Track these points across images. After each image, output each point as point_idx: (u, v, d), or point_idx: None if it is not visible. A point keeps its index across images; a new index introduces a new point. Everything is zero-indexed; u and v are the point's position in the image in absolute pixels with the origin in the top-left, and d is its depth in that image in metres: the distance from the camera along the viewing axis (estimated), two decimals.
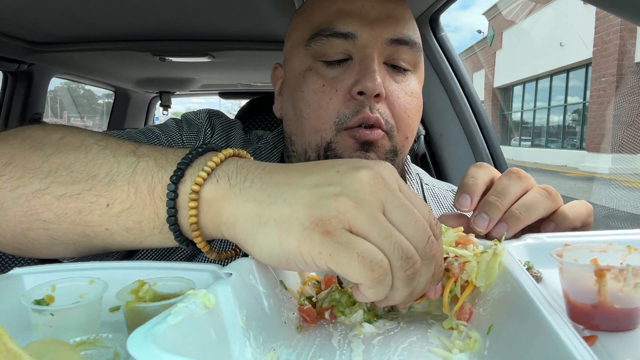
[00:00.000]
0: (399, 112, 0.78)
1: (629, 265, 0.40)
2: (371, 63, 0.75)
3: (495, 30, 18.40)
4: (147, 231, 0.51)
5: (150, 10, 1.52)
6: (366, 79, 0.73)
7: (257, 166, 0.48)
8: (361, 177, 0.43)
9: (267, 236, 0.43)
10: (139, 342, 0.27)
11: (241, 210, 0.45)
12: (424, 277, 0.44)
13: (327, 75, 0.78)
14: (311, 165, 0.46)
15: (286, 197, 0.43)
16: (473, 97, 1.64)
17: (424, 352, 0.43)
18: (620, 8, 0.80)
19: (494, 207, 0.58)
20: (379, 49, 0.77)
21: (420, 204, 0.45)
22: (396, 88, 0.79)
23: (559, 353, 0.31)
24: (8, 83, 2.34)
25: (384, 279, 0.41)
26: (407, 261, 0.41)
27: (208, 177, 0.47)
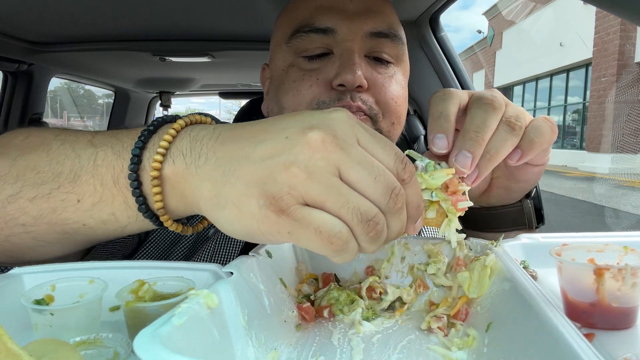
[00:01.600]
0: (385, 99, 0.78)
1: (627, 265, 0.40)
2: (351, 56, 0.76)
3: (495, 30, 18.40)
4: (123, 221, 0.50)
5: (150, 10, 1.52)
6: (346, 72, 0.73)
7: (210, 136, 0.46)
8: (310, 141, 0.40)
9: (228, 219, 0.42)
10: (146, 343, 0.28)
11: (199, 192, 0.44)
12: (395, 227, 0.43)
13: (308, 68, 0.79)
14: (262, 131, 0.44)
15: (240, 174, 0.42)
16: None
17: (423, 349, 0.43)
18: (620, 8, 0.80)
19: (476, 144, 0.53)
20: (359, 42, 0.78)
21: (383, 150, 0.43)
22: (380, 78, 0.79)
23: (560, 349, 0.31)
24: (8, 83, 2.34)
25: (346, 247, 0.40)
26: (368, 224, 0.40)
27: (164, 158, 0.46)
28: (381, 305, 0.51)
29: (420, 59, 1.58)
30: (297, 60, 0.80)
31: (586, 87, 14.34)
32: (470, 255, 0.52)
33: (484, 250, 0.52)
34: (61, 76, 2.66)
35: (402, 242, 0.57)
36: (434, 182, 0.49)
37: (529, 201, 0.67)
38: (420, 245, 0.56)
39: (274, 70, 0.85)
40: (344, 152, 0.41)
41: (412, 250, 0.57)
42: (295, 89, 0.77)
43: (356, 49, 0.77)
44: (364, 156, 0.41)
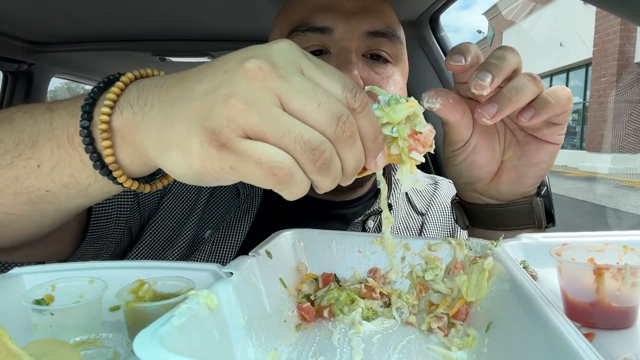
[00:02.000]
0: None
1: (627, 265, 0.40)
2: (348, 54, 0.75)
3: (495, 30, 18.40)
4: (83, 182, 0.49)
5: (150, 10, 1.52)
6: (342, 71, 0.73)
7: (156, 84, 0.45)
8: (247, 71, 0.39)
9: (173, 160, 0.41)
10: (146, 343, 0.28)
11: (147, 138, 0.43)
12: (349, 158, 0.41)
13: None
14: (204, 68, 0.43)
15: (181, 114, 0.40)
16: None
17: (423, 349, 0.43)
18: (620, 8, 0.80)
19: (498, 69, 0.54)
20: (356, 41, 0.77)
21: (330, 79, 0.41)
22: (377, 78, 0.79)
23: (560, 349, 0.31)
24: (8, 83, 2.34)
25: (291, 178, 0.39)
26: (313, 153, 0.38)
27: (112, 110, 0.45)
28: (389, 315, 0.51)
29: (420, 59, 1.58)
30: None
31: (586, 87, 14.34)
32: (470, 256, 0.52)
33: (483, 250, 0.52)
34: (61, 76, 2.66)
35: (403, 243, 0.57)
36: (396, 116, 0.46)
37: (539, 199, 0.66)
38: (419, 249, 0.57)
39: None
40: (283, 81, 0.39)
41: (412, 251, 0.57)
42: None
43: (353, 48, 0.77)
44: (307, 84, 0.40)
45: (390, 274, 0.56)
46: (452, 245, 0.55)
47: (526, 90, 0.56)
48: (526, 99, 0.56)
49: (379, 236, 0.58)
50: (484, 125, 0.59)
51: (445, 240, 0.56)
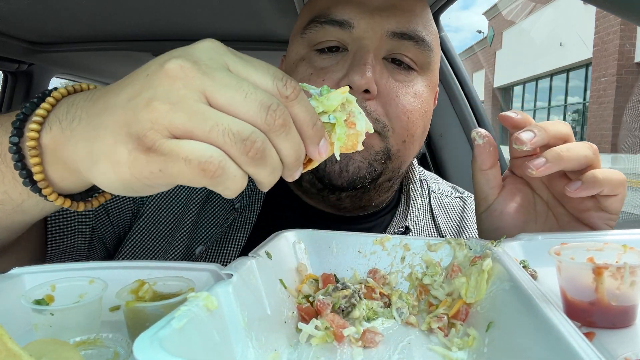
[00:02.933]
0: (395, 112, 0.71)
1: (626, 264, 0.40)
2: (365, 55, 0.69)
3: (496, 30, 18.40)
4: (16, 198, 0.48)
5: (150, 10, 1.52)
6: (354, 72, 0.67)
7: (86, 98, 0.44)
8: (169, 71, 0.38)
9: (103, 174, 0.40)
10: (146, 346, 0.28)
11: (76, 154, 0.42)
12: (286, 147, 0.40)
13: (317, 65, 0.73)
14: (129, 76, 0.42)
15: (107, 124, 0.39)
16: (473, 97, 1.64)
17: (424, 350, 0.43)
18: (620, 8, 0.80)
19: (540, 128, 0.56)
20: (378, 41, 0.71)
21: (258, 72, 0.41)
22: (395, 86, 0.72)
23: (560, 348, 0.31)
24: (8, 83, 2.34)
25: (223, 173, 0.37)
26: (244, 143, 0.37)
27: (42, 126, 0.44)
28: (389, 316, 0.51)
29: None
30: (309, 53, 0.74)
31: (586, 87, 14.33)
32: (469, 256, 0.52)
33: (483, 250, 0.52)
34: (61, 76, 2.66)
35: (402, 243, 0.57)
36: (330, 104, 0.45)
37: None
38: (419, 250, 0.57)
39: (286, 63, 0.81)
40: (207, 77, 0.38)
41: (412, 251, 0.57)
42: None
43: (372, 48, 0.70)
44: (231, 78, 0.39)
45: (391, 277, 0.56)
46: (452, 245, 0.55)
47: (579, 152, 0.56)
48: (576, 160, 0.56)
49: (378, 236, 0.58)
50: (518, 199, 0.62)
51: (445, 241, 0.56)
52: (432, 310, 0.50)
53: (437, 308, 0.49)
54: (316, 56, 0.74)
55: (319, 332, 0.44)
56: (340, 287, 0.50)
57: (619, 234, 0.57)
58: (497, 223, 0.63)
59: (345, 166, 0.71)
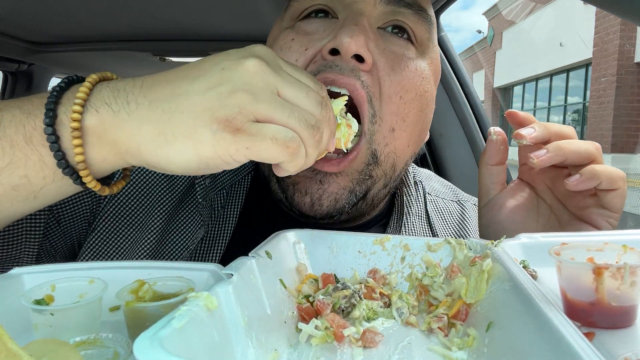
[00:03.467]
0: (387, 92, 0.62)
1: (626, 264, 0.40)
2: (357, 17, 0.60)
3: (495, 30, 18.40)
4: (37, 183, 0.47)
5: (150, 10, 1.52)
6: (344, 32, 0.58)
7: (133, 84, 0.47)
8: (248, 68, 0.45)
9: (180, 152, 0.44)
10: (146, 346, 0.28)
11: (139, 135, 0.44)
12: (326, 136, 0.49)
13: (301, 30, 0.65)
14: (193, 69, 0.47)
15: (183, 108, 0.44)
16: (473, 97, 1.64)
17: (424, 350, 0.43)
18: (620, 8, 0.80)
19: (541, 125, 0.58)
20: (371, 6, 0.62)
21: (302, 75, 0.49)
22: (391, 58, 0.62)
23: (560, 348, 0.31)
24: (8, 83, 2.34)
25: (299, 151, 0.45)
26: (314, 128, 0.46)
27: (84, 109, 0.45)
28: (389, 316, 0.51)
29: None
30: (292, 24, 0.67)
31: (586, 87, 14.33)
32: (469, 256, 0.52)
33: (483, 250, 0.52)
34: (61, 76, 2.66)
35: (402, 243, 0.57)
36: (336, 107, 0.55)
37: None
38: (419, 250, 0.56)
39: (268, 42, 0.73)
40: (277, 75, 0.46)
41: (412, 251, 0.57)
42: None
43: (366, 13, 0.62)
44: (293, 77, 0.47)
45: (391, 278, 0.56)
46: (452, 245, 0.55)
47: (580, 145, 0.57)
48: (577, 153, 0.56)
49: (378, 236, 0.58)
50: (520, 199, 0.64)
51: (445, 241, 0.56)
52: (432, 310, 0.50)
53: (437, 308, 0.49)
54: (300, 24, 0.66)
55: (319, 332, 0.44)
56: (340, 287, 0.50)
57: (619, 234, 0.57)
58: (497, 216, 0.64)
59: (318, 200, 0.63)
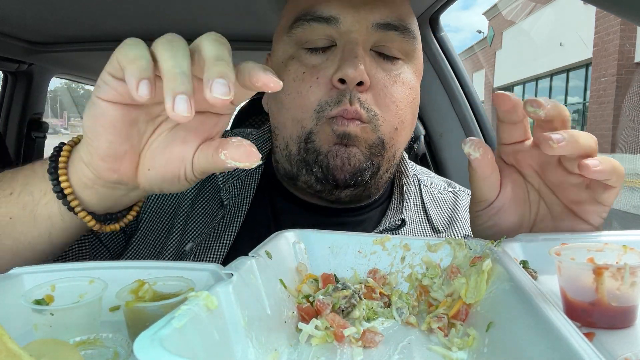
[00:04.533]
0: (385, 102, 0.73)
1: (626, 264, 0.40)
2: (354, 48, 0.71)
3: (496, 30, 18.40)
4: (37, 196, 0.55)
5: (150, 11, 1.52)
6: (347, 65, 0.69)
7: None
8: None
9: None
10: (146, 346, 0.28)
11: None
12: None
13: (308, 63, 0.74)
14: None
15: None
16: (473, 97, 1.64)
17: (424, 350, 0.43)
18: (620, 8, 0.80)
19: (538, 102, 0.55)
20: (365, 34, 0.73)
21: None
22: (384, 76, 0.74)
23: (560, 348, 0.31)
24: (8, 83, 2.34)
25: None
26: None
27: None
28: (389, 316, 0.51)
29: None
30: (298, 52, 0.75)
31: (586, 87, 14.33)
32: (470, 256, 0.52)
33: (483, 250, 0.52)
34: (61, 76, 2.66)
35: (402, 243, 0.57)
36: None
37: None
38: (419, 250, 0.57)
39: (273, 62, 0.81)
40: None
41: (412, 251, 0.57)
42: (295, 91, 0.73)
43: (360, 41, 0.72)
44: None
45: (391, 278, 0.56)
46: (452, 245, 0.55)
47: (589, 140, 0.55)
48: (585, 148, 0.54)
49: (379, 236, 0.58)
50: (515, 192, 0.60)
51: (445, 241, 0.56)
52: (432, 310, 0.50)
53: (437, 308, 0.49)
54: (306, 54, 0.75)
55: (319, 332, 0.44)
56: (340, 287, 0.50)
57: (619, 234, 0.57)
58: (494, 221, 0.62)
59: (347, 159, 0.72)
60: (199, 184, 0.84)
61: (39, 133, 2.51)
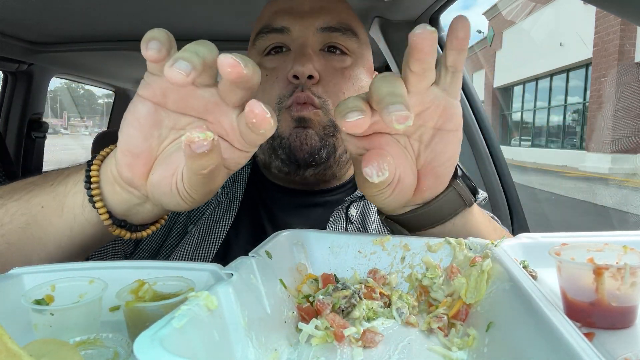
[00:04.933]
0: (334, 90, 0.85)
1: (626, 264, 0.40)
2: (303, 49, 0.84)
3: (495, 30, 18.41)
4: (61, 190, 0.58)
5: (150, 10, 1.52)
6: (297, 64, 0.81)
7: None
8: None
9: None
10: (146, 346, 0.28)
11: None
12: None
13: (269, 66, 0.87)
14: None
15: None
16: (473, 97, 1.64)
17: (424, 350, 0.43)
18: (620, 8, 0.80)
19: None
20: (312, 37, 0.86)
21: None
22: (332, 70, 0.86)
23: (560, 348, 0.31)
24: (8, 83, 2.34)
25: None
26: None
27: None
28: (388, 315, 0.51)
29: None
30: (262, 60, 0.89)
31: (586, 87, 14.33)
32: (470, 256, 0.52)
33: (483, 250, 0.52)
34: (61, 76, 2.66)
35: (402, 243, 0.57)
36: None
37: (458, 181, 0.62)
38: (418, 250, 0.57)
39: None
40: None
41: (412, 251, 0.57)
42: (261, 91, 0.85)
43: (309, 43, 0.85)
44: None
45: (391, 278, 0.56)
46: (452, 245, 0.55)
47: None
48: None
49: (378, 236, 0.58)
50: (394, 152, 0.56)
51: (445, 241, 0.56)
52: (432, 310, 0.50)
53: (437, 308, 0.49)
54: (267, 60, 0.89)
55: (319, 332, 0.44)
56: (341, 287, 0.50)
57: (620, 235, 0.57)
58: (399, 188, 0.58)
59: (305, 139, 0.84)
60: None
61: (39, 133, 2.51)
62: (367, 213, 0.92)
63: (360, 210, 0.92)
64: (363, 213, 0.92)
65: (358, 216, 0.91)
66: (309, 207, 0.94)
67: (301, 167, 0.86)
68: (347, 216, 0.90)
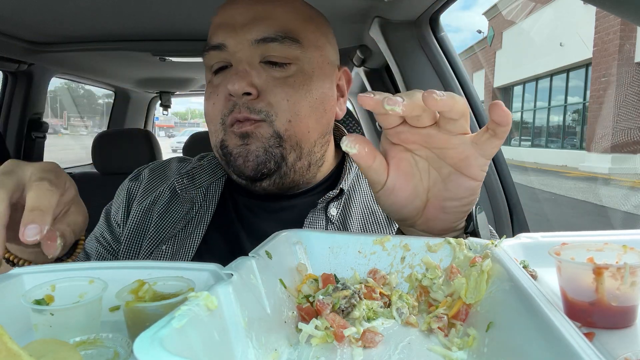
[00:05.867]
0: (276, 100, 0.83)
1: (626, 264, 0.41)
2: (238, 65, 0.83)
3: (495, 30, 18.40)
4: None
5: (150, 10, 1.52)
6: (229, 83, 0.81)
7: None
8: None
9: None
10: (146, 346, 0.28)
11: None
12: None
13: (214, 83, 0.87)
14: None
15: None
16: (473, 97, 1.64)
17: (424, 350, 0.43)
18: (620, 8, 0.80)
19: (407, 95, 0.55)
20: (248, 51, 0.83)
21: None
22: (273, 81, 0.84)
23: (560, 348, 0.31)
24: (8, 83, 2.34)
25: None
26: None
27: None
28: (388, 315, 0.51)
29: (420, 59, 1.58)
30: (210, 76, 0.89)
31: (586, 87, 14.33)
32: (470, 256, 0.52)
33: (483, 250, 0.52)
34: (61, 76, 2.66)
35: (402, 243, 0.57)
36: None
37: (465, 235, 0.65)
38: (418, 250, 0.56)
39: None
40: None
41: (412, 251, 0.57)
42: (208, 109, 0.87)
43: (244, 58, 0.83)
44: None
45: (391, 278, 0.56)
46: (452, 245, 0.55)
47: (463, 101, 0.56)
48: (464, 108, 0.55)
49: (379, 236, 0.58)
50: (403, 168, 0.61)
51: (445, 241, 0.56)
52: (432, 310, 0.50)
53: (437, 308, 0.49)
54: (213, 77, 0.88)
55: (319, 332, 0.44)
56: (340, 287, 0.50)
57: (619, 234, 0.57)
58: (392, 199, 0.64)
59: (246, 156, 0.84)
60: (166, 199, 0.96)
61: (39, 133, 2.51)
62: (348, 212, 0.91)
63: (340, 211, 0.90)
64: (344, 213, 0.91)
65: (339, 216, 0.90)
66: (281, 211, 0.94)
67: (255, 180, 0.86)
68: (327, 217, 0.89)
